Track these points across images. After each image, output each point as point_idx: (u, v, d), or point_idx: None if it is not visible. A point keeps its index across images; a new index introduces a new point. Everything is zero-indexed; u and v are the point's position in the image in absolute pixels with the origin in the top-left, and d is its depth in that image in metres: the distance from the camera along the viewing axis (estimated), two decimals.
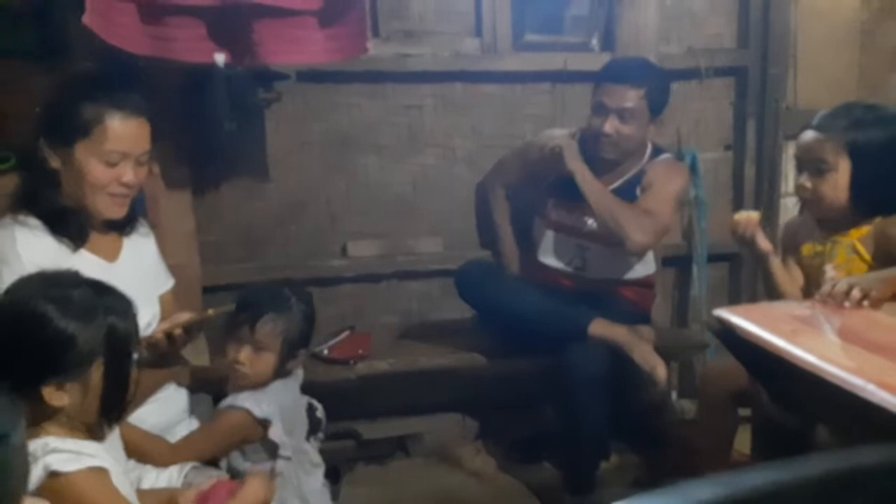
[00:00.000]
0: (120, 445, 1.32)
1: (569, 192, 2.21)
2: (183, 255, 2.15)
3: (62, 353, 1.12)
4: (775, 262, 1.86)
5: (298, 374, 1.74)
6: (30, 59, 1.96)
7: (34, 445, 1.11)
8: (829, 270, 1.77)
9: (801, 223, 1.93)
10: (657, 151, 2.25)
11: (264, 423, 1.59)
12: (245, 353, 1.62)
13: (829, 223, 1.80)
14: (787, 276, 1.88)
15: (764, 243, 1.85)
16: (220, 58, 1.90)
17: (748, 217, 1.86)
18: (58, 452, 1.13)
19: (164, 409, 1.64)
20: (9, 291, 1.20)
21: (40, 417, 1.14)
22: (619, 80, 2.10)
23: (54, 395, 1.13)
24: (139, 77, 1.95)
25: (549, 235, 2.30)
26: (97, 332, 1.15)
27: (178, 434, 1.61)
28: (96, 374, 1.15)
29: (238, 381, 1.64)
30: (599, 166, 2.19)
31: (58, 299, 1.15)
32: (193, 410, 1.72)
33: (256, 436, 1.60)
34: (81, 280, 1.22)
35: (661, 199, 2.13)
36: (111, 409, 1.20)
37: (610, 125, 2.09)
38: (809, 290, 1.82)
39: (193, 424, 1.68)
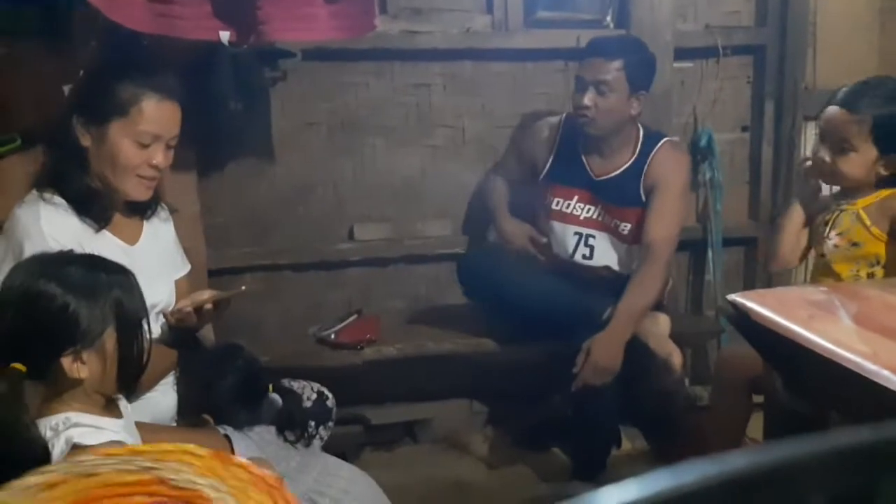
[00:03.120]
0: (135, 429, 1.32)
1: (564, 180, 2.23)
2: (188, 238, 2.12)
3: (73, 324, 1.14)
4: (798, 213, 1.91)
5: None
6: (33, 40, 1.94)
7: (55, 420, 1.14)
8: (833, 237, 1.79)
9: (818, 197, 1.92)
10: (651, 137, 2.21)
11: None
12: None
13: (842, 192, 1.82)
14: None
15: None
16: (224, 36, 1.86)
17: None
18: (79, 426, 1.15)
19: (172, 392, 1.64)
20: (8, 277, 1.22)
21: (60, 392, 1.17)
22: (595, 54, 2.11)
23: (74, 367, 1.15)
24: (143, 55, 1.94)
25: (553, 226, 2.28)
26: (103, 299, 1.17)
27: None
28: (110, 341, 1.18)
29: None
30: (591, 150, 2.20)
31: (58, 275, 1.17)
32: None
33: None
34: (76, 256, 1.24)
35: (673, 198, 2.15)
36: (128, 377, 1.22)
37: (589, 98, 2.09)
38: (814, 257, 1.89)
39: None
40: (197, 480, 0.77)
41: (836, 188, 1.86)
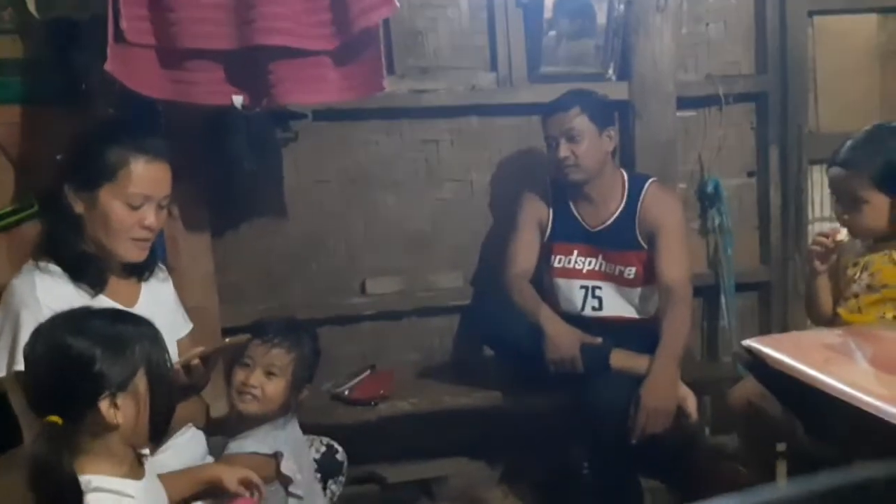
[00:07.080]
0: (158, 484, 1.33)
1: (563, 237, 2.27)
2: (202, 297, 2.14)
3: (105, 371, 1.17)
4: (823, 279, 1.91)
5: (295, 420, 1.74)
6: (52, 106, 1.99)
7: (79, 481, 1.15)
8: (865, 277, 1.80)
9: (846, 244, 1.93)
10: (636, 180, 2.26)
11: (275, 457, 1.57)
12: (256, 377, 1.63)
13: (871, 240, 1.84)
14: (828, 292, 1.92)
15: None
16: (237, 100, 1.91)
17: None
18: (99, 491, 1.15)
19: (184, 453, 1.64)
20: (34, 336, 1.24)
21: (93, 447, 1.19)
22: (553, 111, 2.21)
23: (111, 412, 1.17)
24: (159, 120, 1.99)
25: (557, 284, 2.29)
26: (130, 345, 1.20)
27: None
28: (141, 383, 1.20)
29: (245, 407, 1.63)
30: (581, 201, 2.26)
31: (84, 327, 1.20)
32: (212, 454, 1.71)
33: (270, 475, 1.58)
34: (98, 310, 1.28)
35: (676, 238, 2.19)
36: (159, 423, 1.24)
37: (563, 149, 2.17)
38: (838, 299, 1.88)
39: None
40: None
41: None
